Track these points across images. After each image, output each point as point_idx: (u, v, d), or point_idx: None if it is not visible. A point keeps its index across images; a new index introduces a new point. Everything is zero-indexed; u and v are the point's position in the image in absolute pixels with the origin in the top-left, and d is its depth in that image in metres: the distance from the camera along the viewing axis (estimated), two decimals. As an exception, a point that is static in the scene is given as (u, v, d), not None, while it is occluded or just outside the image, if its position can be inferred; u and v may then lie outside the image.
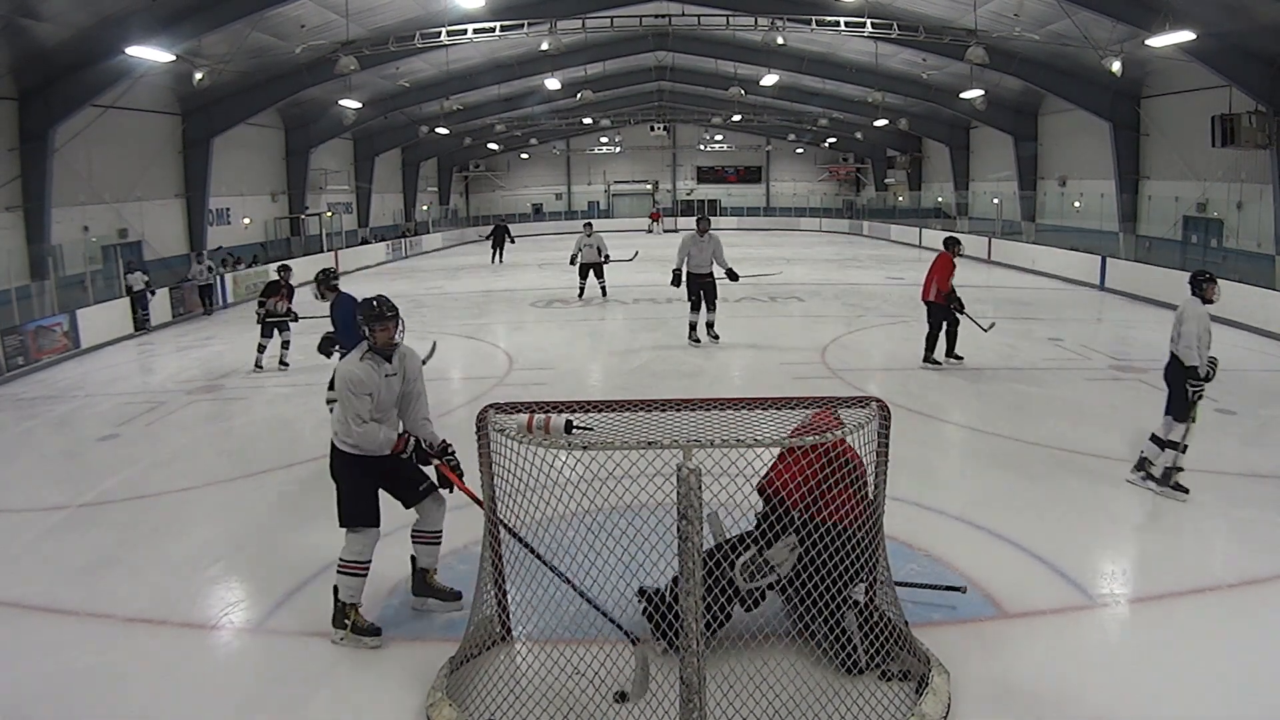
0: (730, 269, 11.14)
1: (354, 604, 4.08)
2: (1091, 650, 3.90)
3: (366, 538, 4.07)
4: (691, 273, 10.98)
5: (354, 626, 4.04)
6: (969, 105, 22.04)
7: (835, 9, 17.40)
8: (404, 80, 23.86)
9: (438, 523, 4.31)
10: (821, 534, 3.55)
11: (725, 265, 11.09)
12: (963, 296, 9.74)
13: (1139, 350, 9.67)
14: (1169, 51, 14.44)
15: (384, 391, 4.09)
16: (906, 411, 7.69)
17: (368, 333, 4.07)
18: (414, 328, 11.35)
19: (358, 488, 4.08)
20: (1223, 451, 6.72)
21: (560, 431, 3.32)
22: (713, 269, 11.03)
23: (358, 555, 4.06)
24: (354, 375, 4.03)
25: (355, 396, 3.99)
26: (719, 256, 11.01)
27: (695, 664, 3.03)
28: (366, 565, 4.09)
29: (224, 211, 21.67)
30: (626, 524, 3.54)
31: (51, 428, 8.51)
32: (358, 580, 4.07)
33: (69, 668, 3.90)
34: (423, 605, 4.37)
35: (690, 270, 10.98)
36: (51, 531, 5.64)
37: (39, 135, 14.51)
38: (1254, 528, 5.24)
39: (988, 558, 4.79)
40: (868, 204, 37.49)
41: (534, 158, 40.85)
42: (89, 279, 14.44)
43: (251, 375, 10.45)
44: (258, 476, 6.60)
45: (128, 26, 13.27)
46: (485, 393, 8.94)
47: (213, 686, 3.78)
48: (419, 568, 4.37)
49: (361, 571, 4.07)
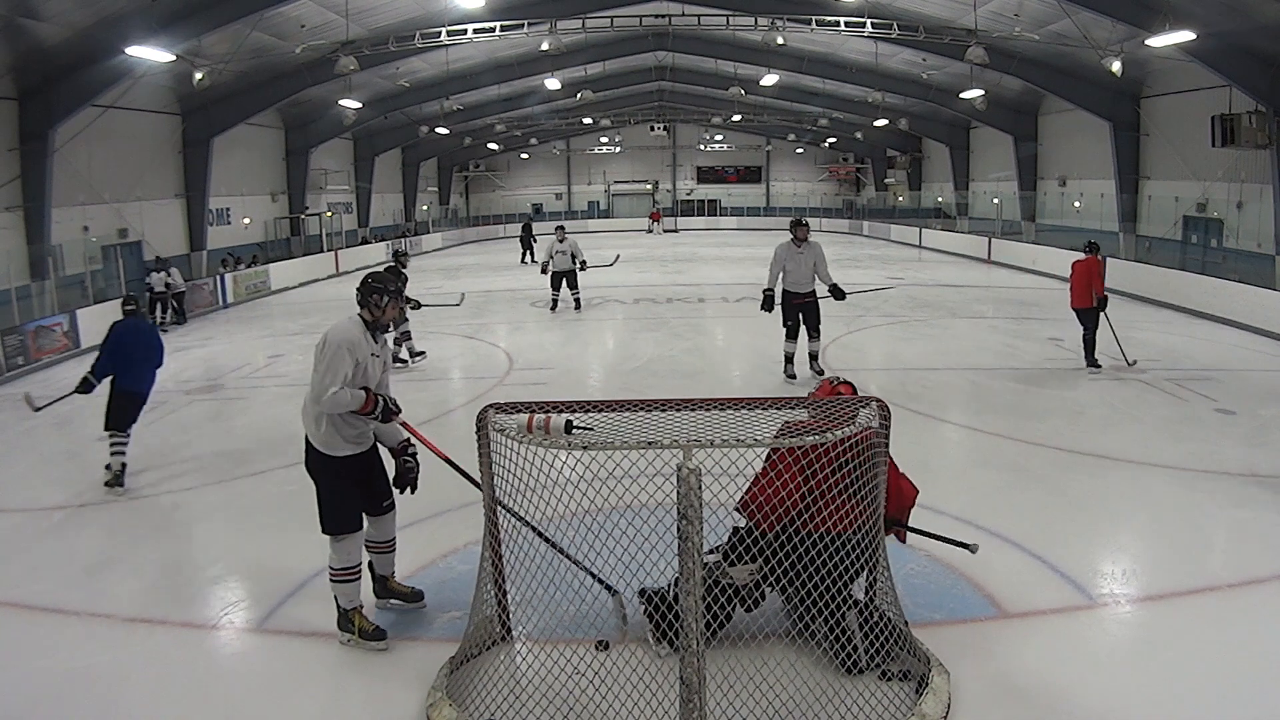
0: (835, 285, 8.93)
1: (356, 608, 4.06)
2: (1091, 650, 3.90)
3: (352, 542, 4.03)
4: (788, 291, 8.96)
5: (360, 632, 4.02)
6: (969, 105, 22.03)
7: (835, 9, 17.40)
8: (404, 80, 23.85)
9: (391, 532, 4.31)
10: (814, 541, 3.55)
11: (829, 280, 8.95)
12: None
13: (1139, 350, 9.67)
14: (1169, 51, 14.43)
15: (369, 368, 4.03)
16: (906, 411, 7.70)
17: (372, 305, 4.04)
18: (413, 327, 11.36)
19: (336, 492, 4.01)
20: (1223, 451, 6.72)
21: (560, 431, 3.31)
22: (814, 285, 9.02)
23: (347, 561, 4.02)
24: (353, 336, 3.96)
25: (346, 356, 3.88)
26: (821, 270, 8.94)
27: (695, 664, 3.03)
28: (358, 568, 4.07)
29: (224, 211, 21.67)
30: (626, 524, 3.55)
31: (51, 428, 8.50)
32: (353, 585, 4.05)
33: (69, 668, 3.90)
34: (386, 605, 4.37)
35: (787, 289, 8.96)
36: (51, 531, 5.64)
37: (39, 135, 14.50)
38: (1254, 528, 5.24)
39: (988, 557, 4.78)
40: (868, 204, 37.49)
41: (534, 158, 40.84)
42: (89, 279, 14.44)
43: (253, 375, 10.45)
44: (258, 476, 6.60)
45: (128, 26, 13.27)
46: (485, 393, 8.94)
47: (213, 686, 3.77)
48: (377, 574, 4.35)
49: (354, 576, 4.05)
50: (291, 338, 13.25)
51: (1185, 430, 7.41)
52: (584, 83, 26.81)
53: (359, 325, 4.03)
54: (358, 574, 4.06)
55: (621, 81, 30.81)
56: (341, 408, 3.90)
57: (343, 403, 3.88)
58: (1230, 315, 12.47)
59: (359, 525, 4.07)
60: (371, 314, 4.07)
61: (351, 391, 3.90)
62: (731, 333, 12.57)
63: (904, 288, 17.11)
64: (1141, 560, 4.92)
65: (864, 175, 39.12)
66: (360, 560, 4.08)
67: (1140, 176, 19.82)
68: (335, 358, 3.88)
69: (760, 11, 17.15)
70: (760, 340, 11.73)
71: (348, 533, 4.01)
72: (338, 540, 4.01)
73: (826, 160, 40.16)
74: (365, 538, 4.20)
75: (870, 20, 16.44)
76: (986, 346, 10.75)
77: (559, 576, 3.90)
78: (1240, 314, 12.26)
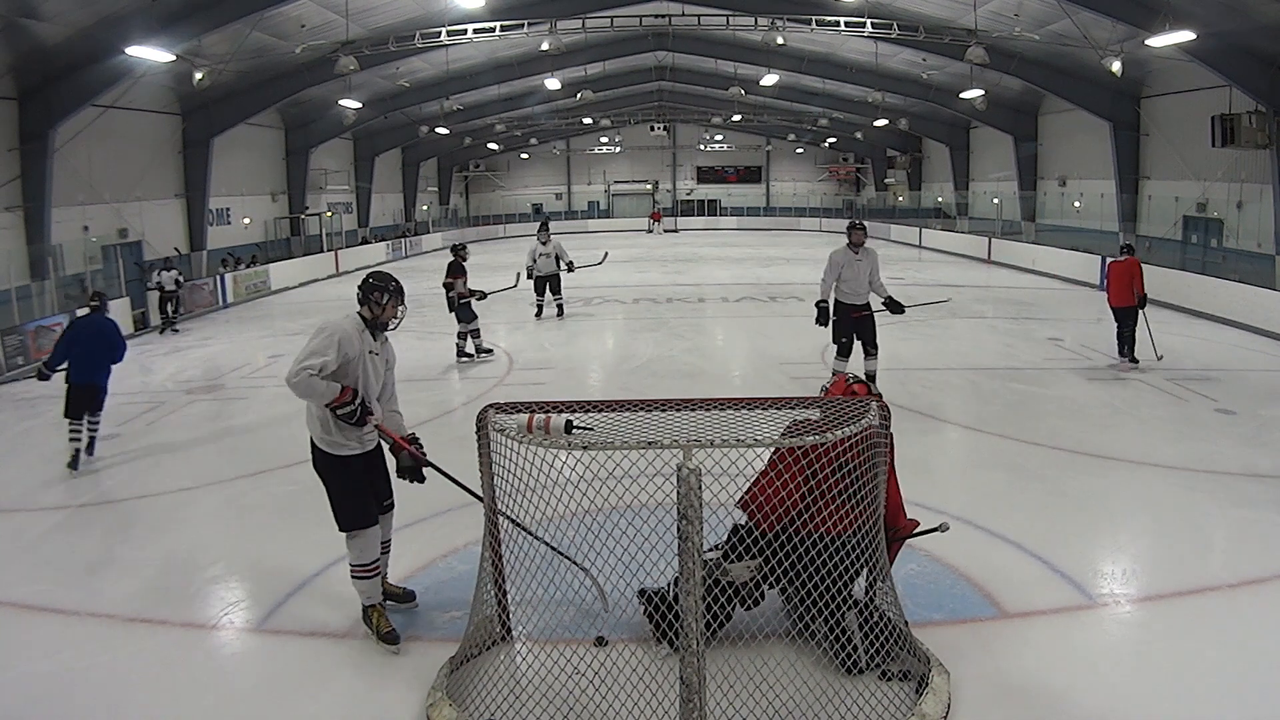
0: (891, 297, 8.16)
1: (375, 605, 4.06)
2: (1091, 650, 3.90)
3: (367, 538, 4.04)
4: (843, 303, 8.03)
5: (377, 631, 4.02)
6: (969, 105, 22.03)
7: (835, 9, 17.40)
8: (404, 80, 23.86)
9: (388, 533, 4.31)
10: (814, 541, 3.55)
11: (884, 292, 8.15)
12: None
13: (1139, 350, 9.66)
14: (1169, 51, 14.43)
15: (367, 366, 4.01)
16: (906, 411, 7.70)
17: (373, 303, 4.03)
18: (414, 327, 11.40)
19: (346, 489, 4.02)
20: (1223, 451, 6.72)
21: (560, 431, 3.31)
22: (870, 297, 8.17)
23: (364, 557, 4.03)
24: (346, 330, 3.94)
25: (334, 347, 3.84)
26: (876, 280, 8.10)
27: (695, 664, 3.03)
28: (376, 564, 4.08)
29: (224, 211, 21.67)
30: (626, 524, 3.55)
31: (51, 427, 8.49)
32: (372, 581, 4.05)
33: (69, 668, 3.90)
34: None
35: (841, 300, 8.03)
36: (51, 531, 5.64)
37: (39, 135, 14.49)
38: (1254, 528, 5.24)
39: (988, 558, 4.79)
40: (868, 204, 37.48)
41: (534, 158, 40.84)
42: (89, 279, 14.43)
43: (253, 375, 10.45)
44: (258, 476, 6.60)
45: (128, 26, 13.26)
46: (485, 393, 8.95)
47: (213, 686, 3.77)
48: None
49: (373, 572, 4.06)
50: (291, 338, 13.24)
51: (1185, 430, 7.41)
52: (584, 83, 26.81)
53: (355, 322, 4.02)
54: (376, 570, 4.07)
55: (621, 81, 30.81)
56: (312, 395, 3.83)
57: (315, 389, 3.80)
58: (1230, 315, 12.48)
59: (374, 520, 4.06)
60: (371, 311, 4.06)
61: (327, 383, 3.82)
62: (731, 333, 12.58)
63: (904, 288, 17.09)
64: (1141, 560, 4.92)
65: (864, 175, 39.12)
66: (377, 557, 4.08)
67: (1140, 176, 19.82)
68: (322, 343, 3.86)
69: (760, 11, 17.16)
70: (760, 340, 11.75)
71: (362, 528, 4.01)
72: (353, 537, 4.01)
73: (826, 160, 40.17)
74: None
75: (870, 20, 16.44)
76: (986, 346, 10.74)
77: (559, 577, 3.90)
78: (1240, 314, 12.26)
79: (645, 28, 19.63)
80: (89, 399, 6.96)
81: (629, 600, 3.95)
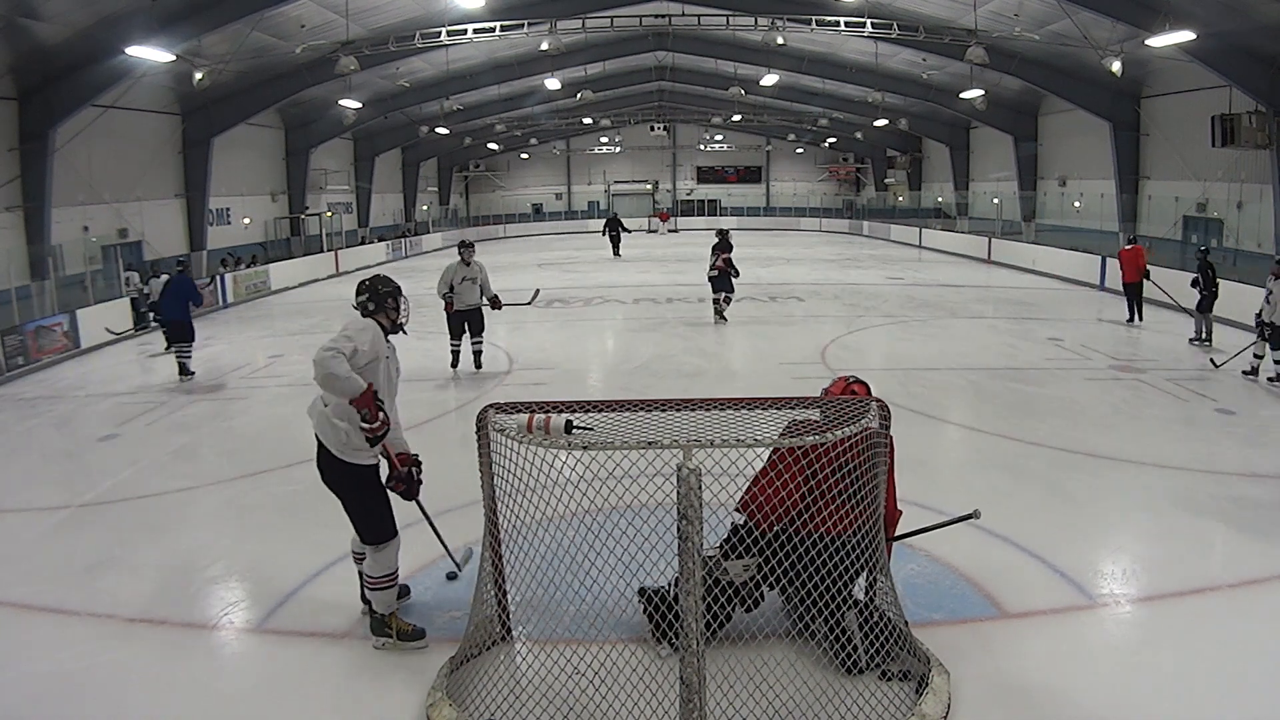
0: None
1: (393, 612, 4.04)
2: (1091, 650, 3.90)
3: (392, 550, 3.99)
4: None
5: (399, 634, 3.99)
6: (969, 105, 22.03)
7: (835, 9, 17.41)
8: (404, 80, 23.86)
9: None
10: (814, 542, 3.55)
11: None
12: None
13: (1139, 350, 9.67)
14: (1169, 51, 14.44)
15: (390, 370, 4.01)
16: (906, 411, 7.69)
17: (389, 308, 4.01)
18: (414, 328, 11.38)
19: (369, 501, 3.96)
20: (1223, 451, 6.72)
21: (560, 431, 3.31)
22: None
23: (386, 569, 3.97)
24: (374, 326, 3.91)
25: (369, 341, 3.79)
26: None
27: (695, 664, 3.03)
28: (396, 574, 4.04)
29: (224, 211, 21.68)
30: (626, 524, 3.54)
31: (52, 428, 8.51)
32: (391, 591, 4.01)
33: (69, 668, 3.90)
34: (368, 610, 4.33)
35: None
36: (51, 531, 5.64)
37: (39, 135, 14.50)
38: (1254, 528, 5.24)
39: (988, 558, 4.78)
40: (868, 204, 37.49)
41: (534, 158, 40.83)
42: (89, 279, 14.43)
43: (253, 375, 10.45)
44: (258, 476, 6.59)
45: (128, 26, 13.27)
46: (485, 393, 8.95)
47: (213, 687, 3.77)
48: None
49: (394, 583, 4.03)
50: (292, 338, 13.25)
51: (1185, 430, 7.41)
52: (584, 83, 26.81)
53: (378, 328, 3.99)
54: (395, 580, 4.04)
55: (621, 81, 30.81)
56: (336, 381, 3.61)
57: (338, 371, 3.60)
58: (1230, 315, 12.45)
59: (396, 530, 4.02)
60: (389, 317, 4.03)
61: (350, 371, 3.66)
62: (732, 333, 12.57)
63: (904, 287, 17.10)
64: (1141, 560, 4.92)
65: (864, 175, 39.12)
66: (397, 566, 4.04)
67: (1140, 176, 19.83)
68: (358, 333, 3.81)
69: (760, 11, 17.16)
70: (760, 341, 11.75)
71: (387, 540, 3.97)
72: (379, 550, 3.94)
73: (826, 160, 40.16)
74: (353, 548, 4.20)
75: (870, 20, 16.45)
76: (986, 346, 10.73)
77: (559, 577, 3.90)
78: (1240, 314, 12.21)
79: (645, 28, 19.64)
80: (177, 330, 10.43)
81: (629, 600, 3.95)
